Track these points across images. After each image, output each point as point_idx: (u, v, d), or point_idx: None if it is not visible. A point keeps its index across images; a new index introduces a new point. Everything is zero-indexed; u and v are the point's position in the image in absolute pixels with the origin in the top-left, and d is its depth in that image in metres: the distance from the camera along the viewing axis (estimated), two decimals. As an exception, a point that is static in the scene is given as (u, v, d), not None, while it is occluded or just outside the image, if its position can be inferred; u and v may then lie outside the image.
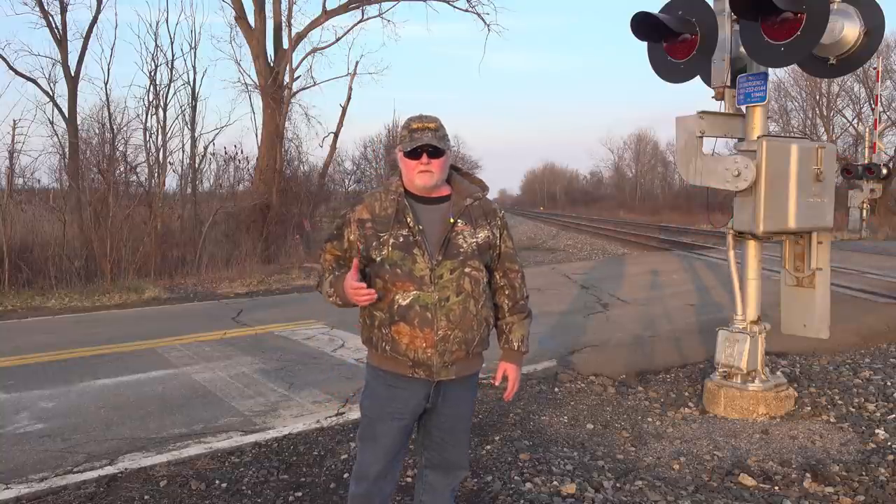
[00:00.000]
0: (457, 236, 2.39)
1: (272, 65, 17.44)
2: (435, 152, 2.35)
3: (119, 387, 5.69)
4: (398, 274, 2.34)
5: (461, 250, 2.38)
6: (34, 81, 16.89)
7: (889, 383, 5.34)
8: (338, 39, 20.07)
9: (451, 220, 2.39)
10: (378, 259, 2.37)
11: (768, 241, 4.78)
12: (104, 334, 7.88)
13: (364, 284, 2.31)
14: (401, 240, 2.36)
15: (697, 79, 4.82)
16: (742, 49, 4.47)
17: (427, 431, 2.58)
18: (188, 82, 19.85)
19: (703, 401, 4.92)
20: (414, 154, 2.35)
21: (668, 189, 61.47)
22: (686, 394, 5.27)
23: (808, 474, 3.73)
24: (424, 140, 2.33)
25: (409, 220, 2.37)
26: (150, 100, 16.20)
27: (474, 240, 2.41)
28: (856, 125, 31.58)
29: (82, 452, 4.23)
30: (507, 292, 2.56)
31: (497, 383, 2.65)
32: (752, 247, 4.73)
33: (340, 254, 2.49)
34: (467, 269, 2.38)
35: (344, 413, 4.84)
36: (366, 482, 2.53)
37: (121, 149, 15.46)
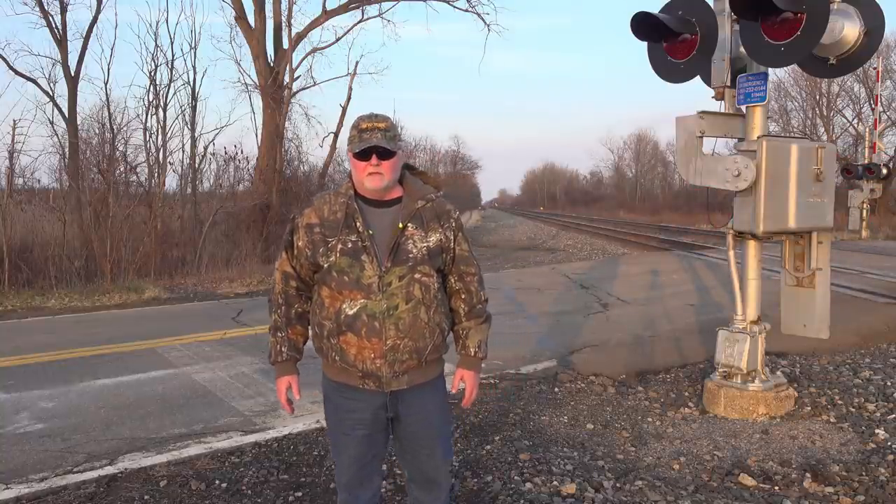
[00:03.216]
0: (406, 241, 2.29)
1: (272, 65, 17.44)
2: (385, 153, 2.26)
3: (119, 387, 5.69)
4: (345, 282, 2.26)
5: (411, 256, 2.29)
6: (34, 81, 16.84)
7: (889, 383, 5.34)
8: (338, 39, 20.10)
9: (400, 226, 2.30)
10: (325, 266, 2.30)
11: (768, 241, 4.78)
12: (104, 334, 7.88)
13: (289, 407, 2.52)
14: (349, 245, 2.28)
15: (697, 79, 4.81)
16: (742, 49, 4.47)
17: (398, 442, 2.50)
18: (188, 82, 19.84)
19: (703, 401, 4.92)
20: (363, 155, 2.26)
21: (668, 189, 61.49)
22: (686, 394, 5.27)
23: (808, 474, 3.73)
24: (373, 141, 2.23)
25: (358, 224, 2.28)
26: (150, 100, 16.20)
27: (425, 244, 2.32)
28: (856, 125, 31.56)
29: (82, 452, 4.24)
30: (462, 296, 2.46)
31: (454, 390, 2.54)
32: (752, 247, 4.73)
33: (291, 269, 2.42)
34: (417, 276, 2.29)
35: (344, 413, 4.84)
36: (342, 491, 2.53)
37: (121, 149, 15.47)
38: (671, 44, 4.71)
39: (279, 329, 2.46)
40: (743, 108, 4.62)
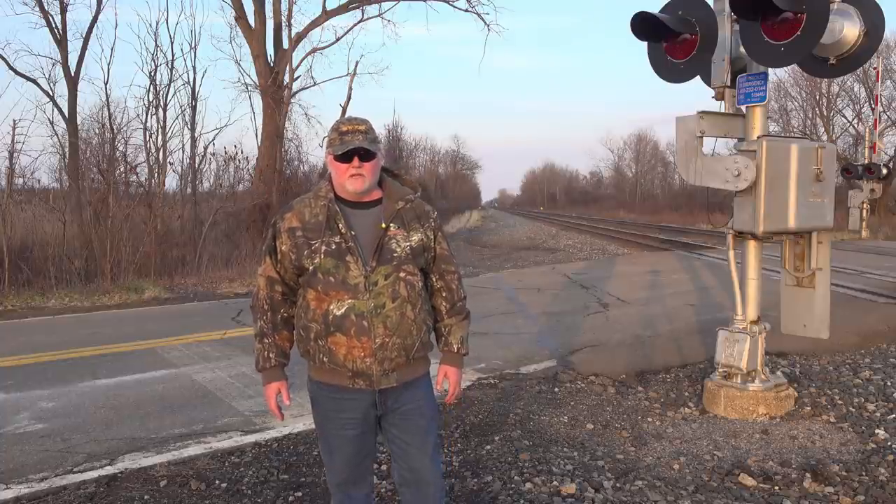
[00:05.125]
0: (389, 241, 2.34)
1: (272, 65, 17.43)
2: (366, 155, 2.29)
3: (119, 387, 5.69)
4: (331, 283, 2.29)
5: (395, 255, 2.33)
6: (34, 81, 16.82)
7: (889, 383, 5.34)
8: (338, 39, 20.09)
9: (383, 226, 2.34)
10: (310, 268, 2.32)
11: (768, 241, 4.78)
12: (104, 334, 7.88)
13: (280, 414, 2.56)
14: (333, 247, 2.30)
15: (697, 79, 4.82)
16: (742, 49, 4.47)
17: (389, 441, 2.51)
18: (188, 82, 19.83)
19: (703, 401, 4.92)
20: (345, 157, 2.28)
21: (668, 189, 61.48)
22: (686, 394, 5.27)
23: (808, 474, 3.73)
24: (355, 143, 2.26)
25: (340, 226, 2.31)
26: (150, 100, 16.17)
27: (408, 244, 2.36)
28: (856, 125, 31.54)
29: (82, 452, 4.24)
30: (444, 294, 2.52)
31: (438, 387, 2.57)
32: (752, 247, 4.73)
33: (276, 274, 2.42)
34: (402, 274, 2.33)
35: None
36: (336, 492, 2.54)
37: (121, 149, 15.44)
38: (671, 44, 4.71)
39: (265, 335, 2.46)
40: (743, 108, 4.62)
